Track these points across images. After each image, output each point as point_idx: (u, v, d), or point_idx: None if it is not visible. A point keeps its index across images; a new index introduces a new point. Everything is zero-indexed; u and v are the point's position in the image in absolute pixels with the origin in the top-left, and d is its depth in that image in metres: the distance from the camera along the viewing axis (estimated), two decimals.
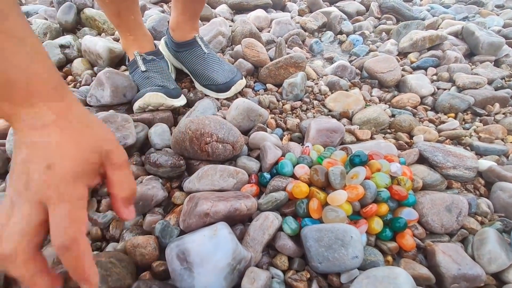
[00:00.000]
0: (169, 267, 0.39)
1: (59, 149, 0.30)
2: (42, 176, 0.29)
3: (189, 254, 0.38)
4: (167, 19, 1.05)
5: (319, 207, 0.47)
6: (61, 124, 0.32)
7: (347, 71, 0.94)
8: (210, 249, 0.38)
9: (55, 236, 0.28)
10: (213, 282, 0.37)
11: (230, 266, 0.38)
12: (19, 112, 0.30)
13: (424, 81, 0.89)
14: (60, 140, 0.31)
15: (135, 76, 0.73)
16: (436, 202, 0.50)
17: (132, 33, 0.73)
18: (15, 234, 0.28)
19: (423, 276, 0.42)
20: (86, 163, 0.32)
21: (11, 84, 0.29)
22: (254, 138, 0.62)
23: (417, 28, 1.15)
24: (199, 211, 0.42)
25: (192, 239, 0.39)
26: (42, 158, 0.30)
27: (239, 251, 0.40)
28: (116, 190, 0.34)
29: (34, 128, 0.31)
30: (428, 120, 0.78)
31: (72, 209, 0.29)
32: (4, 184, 0.53)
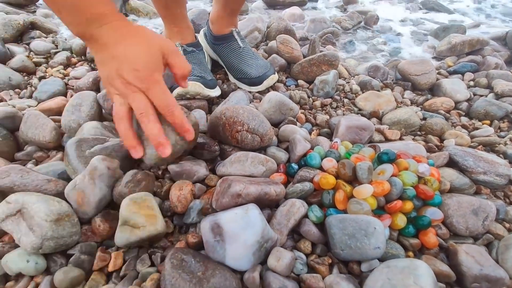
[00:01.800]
0: (203, 238, 0.43)
1: (136, 54, 0.43)
2: (134, 76, 0.42)
3: (222, 229, 0.42)
4: (206, 13, 1.10)
5: (344, 199, 0.49)
6: (128, 36, 0.44)
7: (380, 72, 0.94)
8: (241, 226, 0.41)
9: (162, 105, 0.43)
10: (242, 256, 0.41)
11: (259, 243, 0.41)
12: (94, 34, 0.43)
13: (460, 86, 0.87)
14: (134, 47, 0.44)
15: None
16: (462, 205, 0.51)
17: (177, 25, 0.77)
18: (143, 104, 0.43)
19: (444, 273, 0.43)
20: (157, 59, 0.45)
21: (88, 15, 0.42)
22: (284, 131, 0.65)
23: (457, 31, 1.11)
24: (232, 191, 0.45)
25: (225, 216, 0.43)
26: (128, 65, 0.42)
27: (267, 231, 0.43)
28: (176, 69, 0.49)
29: (110, 44, 0.43)
30: (461, 126, 0.77)
31: (163, 87, 0.44)
32: (60, 154, 0.59)
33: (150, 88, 0.43)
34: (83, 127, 0.59)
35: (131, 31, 0.45)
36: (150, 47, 0.45)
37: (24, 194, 0.45)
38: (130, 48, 0.43)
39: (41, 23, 1.04)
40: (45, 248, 0.41)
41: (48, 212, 0.43)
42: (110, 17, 0.44)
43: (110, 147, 0.54)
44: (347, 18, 1.24)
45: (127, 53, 0.43)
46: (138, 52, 0.43)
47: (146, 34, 0.47)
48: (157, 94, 0.43)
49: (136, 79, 0.42)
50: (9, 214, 0.43)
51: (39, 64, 0.89)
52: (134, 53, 0.43)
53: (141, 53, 0.43)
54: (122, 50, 0.43)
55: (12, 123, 0.62)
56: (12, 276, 0.43)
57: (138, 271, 0.44)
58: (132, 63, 0.42)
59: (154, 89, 0.43)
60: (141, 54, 0.43)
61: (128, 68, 0.42)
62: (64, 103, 0.69)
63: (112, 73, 0.43)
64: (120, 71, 0.42)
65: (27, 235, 0.41)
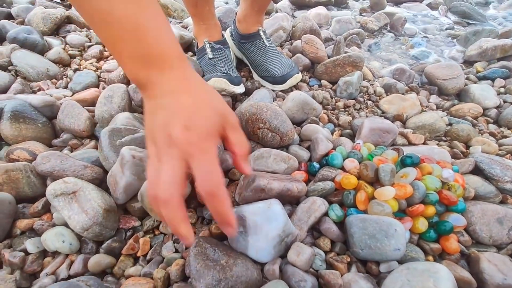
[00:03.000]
0: None
1: (193, 111, 0.35)
2: (183, 135, 0.33)
3: (245, 221, 0.43)
4: (232, 11, 1.12)
5: (366, 200, 0.49)
6: (189, 89, 0.37)
7: (405, 75, 0.92)
8: (264, 219, 0.43)
9: (203, 184, 0.32)
10: (264, 248, 0.42)
11: (280, 237, 0.43)
12: (153, 80, 0.37)
13: (489, 92, 0.84)
14: (192, 103, 0.36)
15: (202, 62, 0.80)
16: (487, 213, 0.50)
17: (205, 22, 0.79)
18: (168, 184, 0.32)
19: (464, 279, 0.43)
20: (215, 123, 0.36)
21: (149, 55, 0.36)
22: (307, 130, 0.66)
23: (488, 35, 1.08)
24: (256, 186, 0.47)
25: (248, 209, 0.45)
26: (180, 120, 0.34)
27: (289, 226, 0.44)
28: (236, 148, 0.39)
29: (166, 93, 0.36)
30: (489, 133, 0.75)
31: (212, 161, 0.34)
32: (93, 143, 0.63)
33: (196, 156, 0.33)
34: (116, 117, 0.62)
35: (195, 84, 0.39)
36: (211, 109, 0.37)
37: (81, 180, 0.49)
38: (187, 102, 0.36)
39: (76, 17, 1.09)
40: (91, 231, 0.45)
41: (103, 200, 0.47)
42: (174, 61, 0.38)
43: (139, 138, 0.57)
44: (373, 19, 1.23)
45: (183, 107, 0.35)
46: (196, 110, 0.35)
47: (210, 93, 0.39)
48: (203, 166, 0.33)
49: (184, 139, 0.33)
50: (64, 193, 0.46)
51: (74, 57, 0.94)
52: (191, 110, 0.35)
53: (199, 113, 0.35)
54: (178, 103, 0.36)
55: (50, 111, 0.66)
56: (49, 253, 0.46)
57: (163, 257, 0.47)
58: (185, 119, 0.34)
59: (201, 158, 0.33)
60: (198, 114, 0.35)
61: (179, 124, 0.34)
62: (98, 94, 0.73)
63: (158, 125, 0.35)
64: (168, 125, 0.34)
65: (80, 215, 0.45)
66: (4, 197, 0.47)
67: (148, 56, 0.36)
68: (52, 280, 0.43)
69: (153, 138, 0.36)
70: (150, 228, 0.50)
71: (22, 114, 0.61)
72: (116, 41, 0.35)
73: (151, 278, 0.44)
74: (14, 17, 1.09)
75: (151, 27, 0.36)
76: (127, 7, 0.34)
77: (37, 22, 0.99)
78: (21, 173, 0.50)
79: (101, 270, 0.45)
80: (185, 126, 0.34)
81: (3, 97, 0.66)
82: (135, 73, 0.37)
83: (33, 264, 0.44)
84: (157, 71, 0.37)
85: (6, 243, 0.47)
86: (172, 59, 0.37)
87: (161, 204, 0.32)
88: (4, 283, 0.40)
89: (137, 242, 0.47)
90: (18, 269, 0.44)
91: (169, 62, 0.37)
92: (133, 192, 0.50)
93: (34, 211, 0.49)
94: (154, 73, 0.37)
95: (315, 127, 0.66)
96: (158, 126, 0.35)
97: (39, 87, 0.80)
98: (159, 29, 0.37)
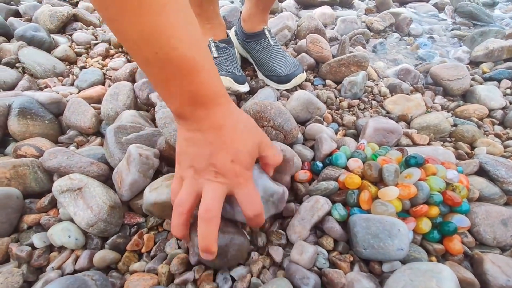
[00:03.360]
0: None
1: (238, 146, 0.39)
2: (229, 168, 0.38)
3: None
4: (237, 10, 1.12)
5: (369, 199, 0.49)
6: (232, 124, 0.39)
7: (410, 75, 0.92)
8: None
9: (248, 208, 0.38)
10: None
11: (263, 198, 0.44)
12: (199, 115, 0.38)
13: (495, 94, 0.84)
14: (235, 138, 0.39)
15: None
16: (491, 214, 0.50)
17: (210, 21, 0.80)
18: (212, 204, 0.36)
19: (467, 280, 0.43)
20: (255, 155, 0.41)
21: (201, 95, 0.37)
22: (311, 129, 0.66)
23: (495, 36, 1.07)
24: None
25: None
26: (227, 154, 0.38)
27: (269, 186, 0.45)
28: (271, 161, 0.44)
29: (211, 129, 0.38)
30: (494, 134, 0.74)
31: (254, 188, 0.40)
32: (99, 140, 0.63)
33: (241, 185, 0.38)
34: (122, 115, 0.63)
35: (237, 119, 0.40)
36: (253, 141, 0.40)
37: (87, 176, 0.49)
38: (232, 137, 0.38)
39: (82, 15, 1.10)
40: (96, 227, 0.45)
41: (108, 197, 0.47)
42: (221, 99, 0.39)
43: (144, 136, 0.57)
44: (379, 19, 1.22)
45: (228, 142, 0.38)
46: (239, 144, 0.39)
47: (250, 125, 0.42)
48: (247, 195, 0.38)
49: (230, 171, 0.37)
50: (70, 189, 0.47)
51: (80, 54, 0.95)
52: (235, 144, 0.38)
53: (242, 146, 0.39)
54: (222, 139, 0.38)
55: (57, 108, 0.67)
56: (55, 248, 0.47)
57: (167, 253, 0.47)
58: (231, 154, 0.38)
59: (245, 187, 0.38)
60: (242, 147, 0.39)
61: (224, 158, 0.37)
62: (104, 92, 0.74)
63: (202, 157, 0.38)
64: (213, 159, 0.37)
65: (85, 211, 0.45)
66: (12, 192, 0.48)
67: (200, 95, 0.37)
68: (58, 274, 0.43)
69: (193, 168, 0.39)
70: (154, 225, 0.50)
71: (29, 110, 0.62)
72: (170, 80, 0.35)
73: (155, 273, 0.44)
74: (22, 15, 1.10)
75: (205, 67, 0.36)
76: (190, 48, 0.34)
77: (44, 20, 1.01)
78: (28, 169, 0.51)
79: (106, 265, 0.45)
80: (232, 160, 0.38)
81: (11, 94, 0.67)
82: (181, 108, 0.38)
83: (40, 258, 0.45)
84: (205, 108, 0.38)
85: (14, 237, 0.47)
86: (220, 98, 0.39)
87: (202, 221, 0.36)
88: (12, 276, 0.41)
89: (142, 239, 0.48)
90: (25, 263, 0.44)
91: (217, 101, 0.39)
92: (138, 190, 0.51)
93: (41, 207, 0.50)
94: (202, 110, 0.38)
95: (319, 127, 0.66)
96: (201, 156, 0.38)
97: (46, 84, 0.81)
98: (212, 68, 0.38)
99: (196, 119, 0.38)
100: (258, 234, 0.49)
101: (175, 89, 0.36)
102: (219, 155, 0.37)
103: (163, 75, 0.35)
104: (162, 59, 0.33)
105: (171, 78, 0.35)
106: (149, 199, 0.46)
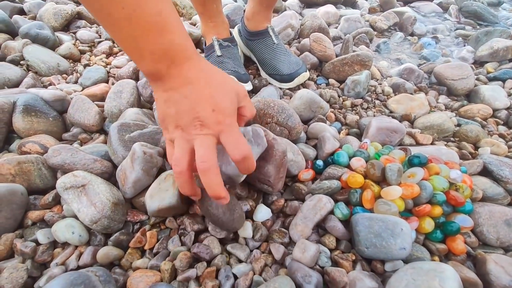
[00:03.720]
0: None
1: (215, 96, 0.39)
2: (211, 117, 0.38)
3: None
4: (240, 9, 1.12)
5: (372, 199, 0.49)
6: (206, 78, 0.40)
7: (414, 75, 0.92)
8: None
9: (235, 152, 0.38)
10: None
11: None
12: (172, 73, 0.39)
13: (500, 94, 0.83)
14: (213, 89, 0.40)
15: (211, 59, 0.81)
16: (494, 214, 0.50)
17: (213, 20, 0.80)
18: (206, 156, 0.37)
19: (470, 280, 0.43)
20: (233, 102, 0.41)
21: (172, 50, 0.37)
22: (313, 128, 0.66)
23: (500, 36, 1.06)
24: None
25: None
26: (205, 105, 0.38)
27: None
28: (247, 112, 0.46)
29: (186, 84, 0.39)
30: (498, 135, 0.74)
31: (238, 133, 0.39)
32: (103, 137, 0.64)
33: (225, 131, 0.39)
34: (125, 113, 0.63)
35: (210, 72, 0.42)
36: (229, 90, 0.42)
37: (90, 173, 0.50)
38: (208, 90, 0.39)
39: (86, 13, 1.11)
40: (99, 224, 0.45)
41: (111, 194, 0.48)
42: (193, 54, 0.40)
43: (147, 133, 0.57)
44: (382, 18, 1.22)
45: (205, 95, 0.39)
46: (218, 94, 0.40)
47: (223, 76, 0.43)
48: (232, 137, 0.39)
49: (213, 120, 0.38)
50: (73, 186, 0.47)
51: (84, 52, 0.95)
52: (214, 94, 0.39)
53: (221, 95, 0.40)
54: (199, 92, 0.39)
55: (61, 106, 0.68)
56: (59, 244, 0.47)
57: (169, 250, 0.47)
58: (210, 103, 0.39)
59: (229, 132, 0.39)
60: (221, 96, 0.40)
61: (204, 109, 0.38)
62: (107, 90, 0.74)
63: (183, 111, 0.39)
64: (195, 112, 0.38)
65: (89, 208, 0.46)
66: (16, 188, 0.48)
67: (171, 50, 0.37)
68: (62, 270, 0.44)
69: (176, 125, 0.40)
70: (157, 222, 0.51)
71: (34, 108, 0.62)
72: (138, 38, 0.36)
73: (158, 270, 0.44)
74: (26, 13, 1.10)
75: (173, 21, 0.37)
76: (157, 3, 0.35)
77: (49, 17, 1.01)
78: (32, 166, 0.51)
79: (109, 262, 0.46)
80: (212, 109, 0.38)
81: (16, 91, 0.67)
82: (153, 67, 0.38)
83: (44, 254, 0.45)
84: (177, 64, 0.38)
85: (18, 233, 0.48)
86: (190, 52, 0.40)
87: (202, 173, 0.37)
88: (16, 272, 0.41)
89: (144, 236, 0.48)
90: (29, 259, 0.45)
91: (188, 55, 0.39)
92: (141, 187, 0.51)
93: (45, 203, 0.50)
94: (174, 66, 0.38)
95: (322, 126, 0.66)
96: (183, 112, 0.39)
97: (50, 82, 0.81)
98: (179, 23, 0.38)
99: (170, 77, 0.39)
100: None
101: (147, 48, 0.36)
102: (199, 106, 0.38)
103: (131, 33, 0.35)
104: (129, 15, 0.33)
105: (140, 35, 0.35)
106: (152, 207, 0.47)
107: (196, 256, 0.45)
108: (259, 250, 0.48)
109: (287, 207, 0.53)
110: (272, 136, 0.51)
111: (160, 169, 0.53)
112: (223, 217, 0.44)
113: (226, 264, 0.46)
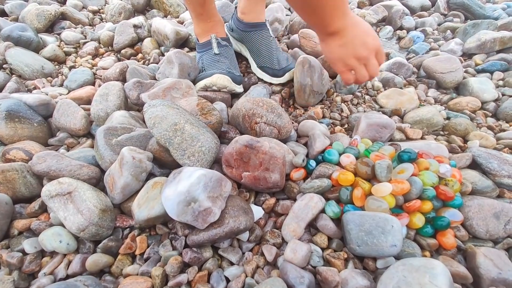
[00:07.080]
0: None
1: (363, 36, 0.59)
2: (364, 51, 0.59)
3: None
4: (228, 5, 1.10)
5: (362, 196, 0.49)
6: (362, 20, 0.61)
7: (404, 69, 0.92)
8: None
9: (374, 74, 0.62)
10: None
11: None
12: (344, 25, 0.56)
13: (488, 86, 0.84)
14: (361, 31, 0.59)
15: (205, 56, 0.79)
16: (484, 208, 0.50)
17: (212, 19, 0.79)
18: None
19: (460, 274, 0.43)
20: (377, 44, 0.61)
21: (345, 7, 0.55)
22: (304, 126, 0.65)
23: (487, 28, 1.07)
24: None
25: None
26: (358, 40, 0.58)
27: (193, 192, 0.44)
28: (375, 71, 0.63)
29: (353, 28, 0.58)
30: (487, 127, 0.74)
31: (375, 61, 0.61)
32: (90, 141, 0.62)
33: (370, 59, 0.60)
34: (112, 116, 0.62)
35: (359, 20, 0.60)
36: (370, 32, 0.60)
37: (76, 180, 0.48)
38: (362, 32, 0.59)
39: (71, 13, 1.08)
40: (87, 231, 0.44)
41: (99, 201, 0.46)
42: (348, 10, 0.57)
43: (135, 137, 0.56)
44: (371, 12, 1.21)
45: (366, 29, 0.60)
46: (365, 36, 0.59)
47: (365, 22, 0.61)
48: (374, 66, 0.61)
49: (364, 53, 0.59)
50: (59, 193, 0.46)
51: (69, 54, 0.93)
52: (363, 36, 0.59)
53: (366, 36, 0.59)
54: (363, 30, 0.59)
55: (46, 110, 0.66)
56: (47, 253, 0.46)
57: (160, 255, 0.47)
58: (364, 42, 0.58)
59: (372, 60, 0.61)
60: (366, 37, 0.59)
61: (362, 47, 0.58)
62: (93, 92, 0.72)
63: (363, 47, 0.58)
64: (356, 50, 0.58)
65: (75, 216, 0.45)
66: (0, 197, 0.47)
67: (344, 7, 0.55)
68: (51, 280, 0.43)
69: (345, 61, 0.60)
70: (147, 227, 0.50)
71: (17, 113, 0.61)
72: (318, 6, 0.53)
73: (148, 276, 0.44)
74: (8, 14, 1.07)
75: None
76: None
77: (31, 19, 0.98)
78: (17, 174, 0.50)
79: (99, 269, 0.45)
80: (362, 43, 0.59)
81: None
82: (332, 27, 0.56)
83: (31, 264, 0.44)
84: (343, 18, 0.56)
85: (4, 244, 0.47)
86: (347, 8, 0.56)
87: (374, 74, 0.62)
88: (2, 284, 0.40)
89: (134, 241, 0.48)
90: (16, 270, 0.44)
91: (347, 10, 0.56)
92: (130, 193, 0.50)
93: (31, 211, 0.49)
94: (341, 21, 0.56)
95: (313, 123, 0.65)
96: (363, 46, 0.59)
97: (34, 85, 0.79)
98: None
99: (341, 30, 0.57)
100: None
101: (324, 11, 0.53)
102: (368, 39, 0.59)
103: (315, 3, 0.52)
104: None
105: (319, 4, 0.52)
106: (140, 217, 0.46)
107: None
108: (251, 252, 0.48)
109: (278, 206, 0.53)
110: (268, 146, 0.51)
111: (149, 174, 0.53)
112: None
113: (218, 268, 0.45)
